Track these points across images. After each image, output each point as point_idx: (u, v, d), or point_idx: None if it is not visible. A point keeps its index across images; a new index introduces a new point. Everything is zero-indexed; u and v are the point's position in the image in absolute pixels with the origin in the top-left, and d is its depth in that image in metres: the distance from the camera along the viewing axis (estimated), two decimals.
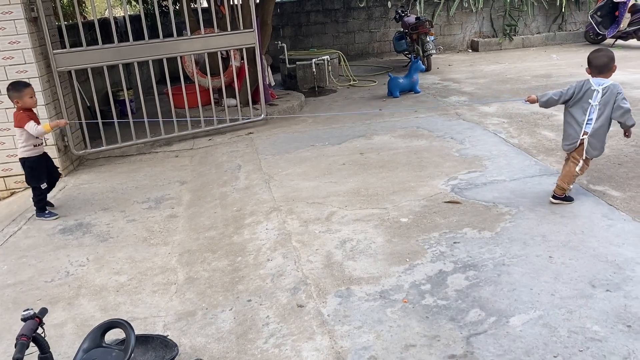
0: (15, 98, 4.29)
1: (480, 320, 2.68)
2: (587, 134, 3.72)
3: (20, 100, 4.28)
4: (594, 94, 3.67)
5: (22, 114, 4.30)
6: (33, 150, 4.40)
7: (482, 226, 3.64)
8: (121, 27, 8.67)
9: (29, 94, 4.32)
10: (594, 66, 3.75)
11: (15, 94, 4.28)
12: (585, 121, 3.71)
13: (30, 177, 4.42)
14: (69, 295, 3.33)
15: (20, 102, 4.29)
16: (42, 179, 4.44)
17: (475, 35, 12.22)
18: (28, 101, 4.31)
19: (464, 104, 7.10)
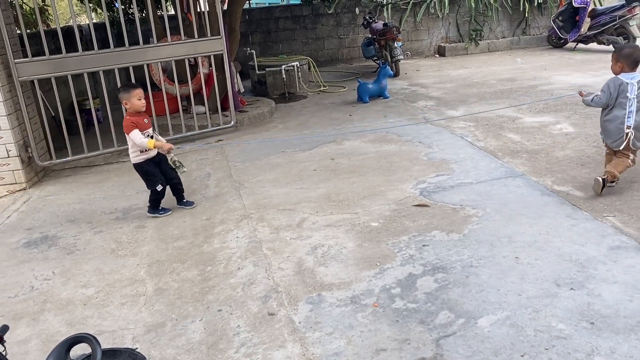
0: (124, 99, 4.21)
1: (449, 322, 2.71)
2: (630, 128, 3.88)
3: (128, 102, 4.19)
4: (629, 87, 3.85)
5: (127, 120, 4.20)
6: (141, 156, 4.32)
7: (450, 228, 3.69)
8: (86, 35, 8.54)
9: (138, 95, 4.21)
10: (631, 61, 3.91)
11: (125, 95, 4.20)
12: (627, 115, 3.87)
13: (146, 180, 4.39)
14: (34, 311, 3.25)
15: (128, 103, 4.20)
16: (157, 181, 4.36)
17: (442, 40, 12.41)
18: (136, 103, 4.19)
19: (431, 109, 7.20)
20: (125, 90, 4.26)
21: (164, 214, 4.44)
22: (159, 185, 4.37)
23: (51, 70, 5.63)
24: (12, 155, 5.30)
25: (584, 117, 6.14)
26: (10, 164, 5.32)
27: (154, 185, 4.37)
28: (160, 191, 4.39)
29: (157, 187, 4.36)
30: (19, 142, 5.37)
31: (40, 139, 5.75)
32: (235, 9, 7.60)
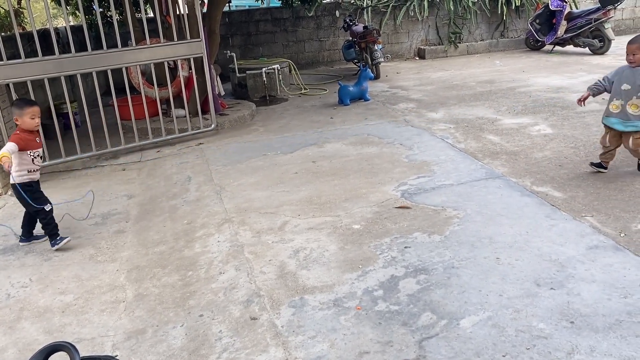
0: (15, 115, 3.89)
1: (431, 324, 2.72)
2: None
3: (20, 119, 3.87)
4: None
5: (14, 136, 3.88)
6: (28, 176, 3.96)
7: (432, 230, 3.71)
8: (63, 38, 8.40)
9: (30, 114, 3.88)
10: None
11: (17, 111, 3.88)
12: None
13: (32, 199, 3.93)
14: (10, 319, 3.18)
15: (20, 120, 3.87)
16: (45, 199, 4.02)
17: (421, 43, 12.51)
18: (28, 122, 3.88)
19: (412, 111, 7.24)
20: (19, 106, 3.93)
21: (67, 240, 4.03)
22: (48, 204, 4.03)
23: (27, 73, 5.53)
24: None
25: (561, 118, 6.23)
26: None
27: (43, 204, 4.00)
28: (49, 210, 4.04)
29: (45, 206, 4.00)
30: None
31: None
32: (214, 12, 7.55)
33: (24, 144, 3.90)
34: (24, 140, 3.91)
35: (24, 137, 3.92)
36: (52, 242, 4.04)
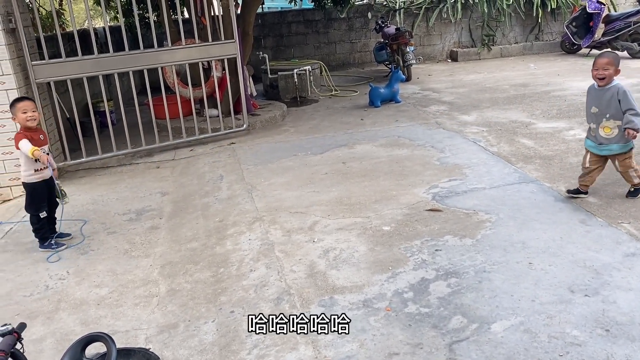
0: (12, 115, 3.96)
1: (462, 327, 2.70)
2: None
3: (15, 117, 3.93)
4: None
5: (18, 135, 3.90)
6: (33, 176, 3.99)
7: (463, 233, 3.68)
8: (101, 38, 8.62)
9: (22, 109, 3.86)
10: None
11: (12, 110, 3.95)
12: None
13: (29, 204, 4.03)
14: (49, 310, 3.28)
15: (16, 119, 3.94)
16: (41, 207, 4.04)
17: (454, 45, 12.39)
18: (21, 117, 3.87)
19: (444, 113, 7.19)
20: (11, 104, 3.98)
21: (57, 248, 4.05)
22: (43, 212, 4.05)
23: (67, 72, 5.71)
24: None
25: None
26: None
27: (37, 211, 4.02)
28: (43, 219, 4.07)
29: (40, 213, 4.04)
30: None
31: (55, 140, 5.81)
32: (248, 13, 7.64)
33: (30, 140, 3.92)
34: (29, 137, 3.92)
35: (27, 134, 3.93)
36: (41, 245, 4.10)
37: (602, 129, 3.88)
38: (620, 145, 3.86)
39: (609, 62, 3.77)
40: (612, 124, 3.85)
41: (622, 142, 3.85)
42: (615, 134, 3.84)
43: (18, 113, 3.90)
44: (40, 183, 4.04)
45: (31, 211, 4.06)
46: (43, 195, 4.06)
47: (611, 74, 3.78)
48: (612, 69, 3.77)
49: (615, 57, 3.83)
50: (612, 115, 3.83)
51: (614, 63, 3.78)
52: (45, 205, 4.09)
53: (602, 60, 3.80)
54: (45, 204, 4.09)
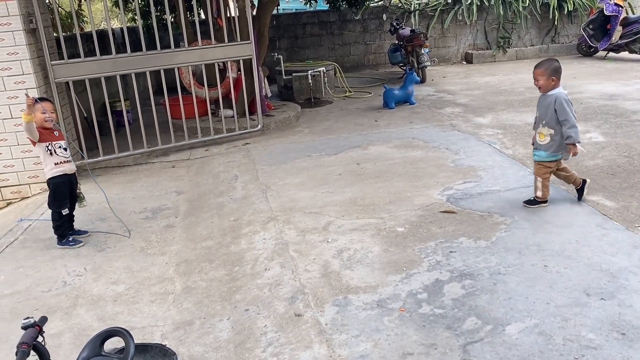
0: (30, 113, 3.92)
1: (476, 329, 2.70)
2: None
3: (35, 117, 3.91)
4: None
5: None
6: (55, 170, 4.05)
7: (478, 235, 3.67)
8: (118, 39, 8.73)
9: (40, 109, 3.93)
10: (560, 75, 3.85)
11: (29, 109, 3.90)
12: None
13: (52, 200, 4.09)
14: (67, 305, 3.33)
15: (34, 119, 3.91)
16: (64, 204, 4.10)
17: (469, 47, 12.35)
18: (39, 117, 3.92)
19: (458, 116, 7.17)
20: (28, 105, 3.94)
21: (75, 245, 4.14)
22: (65, 209, 4.11)
23: (85, 72, 5.79)
24: None
25: (615, 126, 6.05)
26: None
27: (60, 207, 4.08)
28: (64, 216, 4.13)
29: (63, 210, 4.09)
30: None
31: (72, 139, 5.89)
32: (264, 15, 7.69)
33: (42, 137, 3.99)
34: (42, 134, 3.98)
35: (41, 131, 3.99)
36: (59, 242, 4.17)
37: (538, 134, 3.92)
38: (547, 153, 3.89)
39: (539, 73, 3.78)
40: (546, 131, 3.87)
41: (550, 152, 3.87)
42: (547, 141, 3.85)
43: (37, 112, 3.94)
44: (63, 179, 4.09)
45: (54, 208, 4.12)
46: (66, 192, 4.12)
47: (542, 84, 3.79)
48: (543, 80, 3.77)
49: (548, 68, 3.78)
50: (547, 122, 3.84)
51: (544, 74, 3.76)
52: (67, 202, 4.15)
53: (536, 69, 3.80)
54: (67, 201, 4.15)
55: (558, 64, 3.83)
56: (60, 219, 4.14)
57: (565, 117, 3.74)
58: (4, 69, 5.18)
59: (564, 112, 3.75)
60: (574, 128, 3.73)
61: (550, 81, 3.78)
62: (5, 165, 5.42)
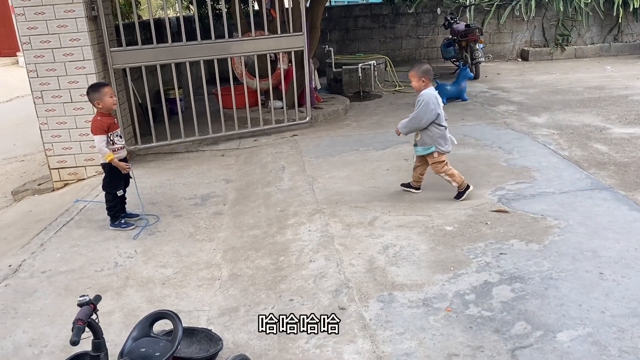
0: (96, 100, 4.05)
1: (526, 334, 2.62)
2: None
3: (101, 102, 4.04)
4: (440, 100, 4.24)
5: (98, 121, 4.06)
6: (114, 155, 4.15)
7: (530, 238, 3.56)
8: (174, 28, 8.90)
9: (109, 93, 4.06)
10: (431, 76, 4.26)
11: (96, 95, 4.04)
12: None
13: (108, 182, 4.22)
14: (117, 285, 3.44)
15: (101, 103, 4.04)
16: (119, 185, 4.24)
17: (525, 44, 11.96)
18: (109, 101, 4.05)
19: (512, 114, 6.96)
20: (95, 89, 4.08)
21: (126, 227, 4.25)
22: (120, 190, 4.24)
23: (142, 59, 5.93)
24: None
25: None
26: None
27: (115, 189, 4.21)
28: (119, 197, 4.26)
29: (118, 192, 4.22)
30: None
31: (127, 124, 6.07)
32: (317, 7, 7.67)
33: (107, 127, 4.08)
34: (106, 125, 4.08)
35: (105, 121, 4.08)
36: (111, 223, 4.28)
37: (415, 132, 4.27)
38: (422, 148, 4.26)
39: (412, 75, 4.19)
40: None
41: (424, 146, 4.24)
42: (420, 138, 4.25)
43: (105, 97, 4.04)
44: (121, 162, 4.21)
45: (109, 189, 4.24)
46: (120, 175, 4.24)
47: (415, 85, 4.21)
48: (415, 81, 4.18)
49: (419, 70, 4.13)
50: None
51: (415, 75, 4.15)
52: (122, 184, 4.27)
53: (409, 72, 4.22)
54: (122, 182, 4.27)
55: (428, 66, 4.22)
56: (114, 200, 4.25)
57: (416, 112, 4.20)
58: (66, 55, 5.37)
59: (418, 108, 4.18)
60: (410, 122, 4.26)
61: (421, 82, 4.16)
62: (63, 147, 5.63)
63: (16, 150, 8.13)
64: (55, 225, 4.45)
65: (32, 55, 5.36)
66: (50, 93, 5.46)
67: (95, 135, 4.06)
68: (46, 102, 5.49)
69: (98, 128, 4.06)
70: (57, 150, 5.65)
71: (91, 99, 4.10)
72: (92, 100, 4.10)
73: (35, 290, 3.43)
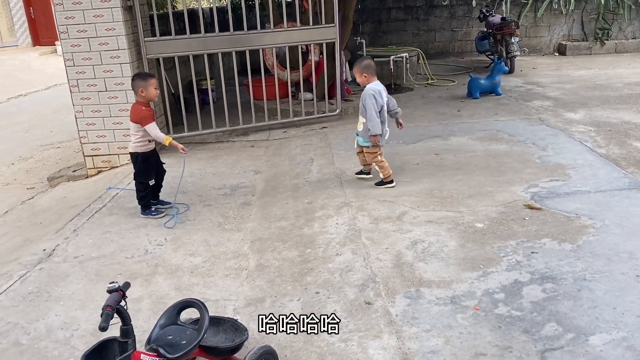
0: (140, 87, 4.10)
1: (556, 336, 2.56)
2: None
3: (145, 90, 4.10)
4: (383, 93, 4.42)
5: (145, 111, 4.12)
6: (147, 146, 4.24)
7: (563, 238, 3.47)
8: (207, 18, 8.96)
9: (154, 85, 4.15)
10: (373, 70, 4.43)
11: (142, 83, 4.10)
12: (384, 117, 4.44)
13: (141, 172, 4.26)
14: (147, 273, 3.49)
15: (145, 92, 4.10)
16: (151, 175, 4.30)
17: (563, 38, 11.64)
18: (153, 92, 4.13)
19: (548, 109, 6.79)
20: (143, 78, 4.16)
21: (157, 215, 4.31)
22: (152, 179, 4.30)
23: (175, 49, 5.99)
24: None
25: None
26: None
27: (147, 178, 4.26)
28: (150, 187, 4.31)
29: (150, 181, 4.28)
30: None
31: (160, 114, 6.14)
32: None
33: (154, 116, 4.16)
34: (152, 112, 4.15)
35: (150, 109, 4.16)
36: (142, 211, 4.34)
37: (359, 122, 4.48)
38: (363, 139, 4.47)
39: (355, 71, 4.43)
40: (361, 119, 4.46)
41: (365, 137, 4.43)
42: (362, 129, 4.44)
43: (150, 88, 4.10)
44: (152, 153, 4.27)
45: (141, 179, 4.28)
46: (154, 164, 4.31)
47: (359, 80, 4.41)
48: (357, 76, 4.41)
49: (359, 66, 4.38)
50: (362, 112, 4.44)
51: (357, 71, 4.39)
52: (153, 174, 4.33)
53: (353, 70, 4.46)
54: (153, 172, 4.33)
55: (368, 61, 4.46)
56: (145, 190, 4.31)
57: (367, 111, 4.33)
58: (101, 44, 5.45)
59: (366, 106, 4.34)
60: (371, 122, 4.31)
61: (363, 77, 4.36)
62: (97, 135, 5.74)
63: (53, 137, 8.35)
64: (88, 212, 4.55)
65: (69, 44, 5.47)
66: (85, 82, 5.57)
67: (148, 125, 4.09)
68: (82, 90, 5.60)
69: (148, 117, 4.11)
70: (91, 138, 5.76)
71: (136, 85, 4.14)
72: (136, 87, 4.14)
73: (68, 274, 3.51)
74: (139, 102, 4.17)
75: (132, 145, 4.24)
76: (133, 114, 4.14)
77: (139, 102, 4.17)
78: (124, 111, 5.63)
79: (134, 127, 4.16)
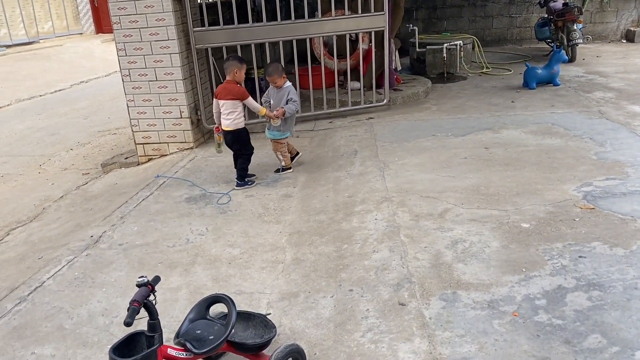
0: (237, 68, 4.57)
1: (600, 348, 2.41)
2: None
3: (239, 72, 4.59)
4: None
5: (242, 87, 4.62)
6: (245, 121, 4.79)
7: (615, 242, 3.27)
8: (257, 7, 8.98)
9: (244, 69, 4.67)
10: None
11: (239, 65, 4.60)
12: None
13: (249, 142, 4.77)
14: (186, 262, 3.56)
15: (239, 73, 4.58)
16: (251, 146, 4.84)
17: (632, 24, 10.94)
18: (243, 75, 4.66)
19: (609, 102, 6.41)
20: (240, 60, 4.67)
21: (251, 185, 4.74)
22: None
23: (224, 39, 6.04)
24: (184, 116, 5.82)
25: None
26: (182, 124, 5.86)
27: (252, 150, 4.78)
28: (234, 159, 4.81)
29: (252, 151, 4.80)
30: (191, 105, 5.87)
31: (208, 103, 6.22)
32: None
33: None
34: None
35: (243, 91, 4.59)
36: (239, 182, 4.72)
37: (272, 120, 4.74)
38: (279, 133, 4.83)
39: (274, 79, 4.72)
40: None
41: (282, 131, 4.82)
42: (279, 124, 4.75)
43: (242, 71, 4.63)
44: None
45: (251, 150, 4.79)
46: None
47: (279, 83, 4.74)
48: (279, 81, 4.73)
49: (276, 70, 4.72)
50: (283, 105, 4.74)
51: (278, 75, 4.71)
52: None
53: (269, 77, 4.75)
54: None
55: (280, 65, 4.93)
56: (250, 160, 4.80)
57: (294, 102, 4.76)
58: (152, 34, 5.57)
59: (292, 96, 4.75)
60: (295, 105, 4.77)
61: (283, 79, 4.75)
62: (148, 124, 5.89)
63: (110, 124, 8.66)
64: (135, 199, 4.68)
65: (121, 34, 5.62)
66: (136, 71, 5.71)
67: (247, 99, 4.60)
68: (133, 79, 5.76)
69: (247, 92, 4.62)
70: (142, 127, 5.92)
71: (232, 65, 4.59)
72: (232, 66, 4.58)
73: (112, 261, 3.63)
74: (230, 82, 4.59)
75: (233, 123, 4.63)
76: (231, 92, 4.56)
77: (230, 82, 4.59)
78: (173, 100, 5.75)
79: (232, 104, 4.57)
